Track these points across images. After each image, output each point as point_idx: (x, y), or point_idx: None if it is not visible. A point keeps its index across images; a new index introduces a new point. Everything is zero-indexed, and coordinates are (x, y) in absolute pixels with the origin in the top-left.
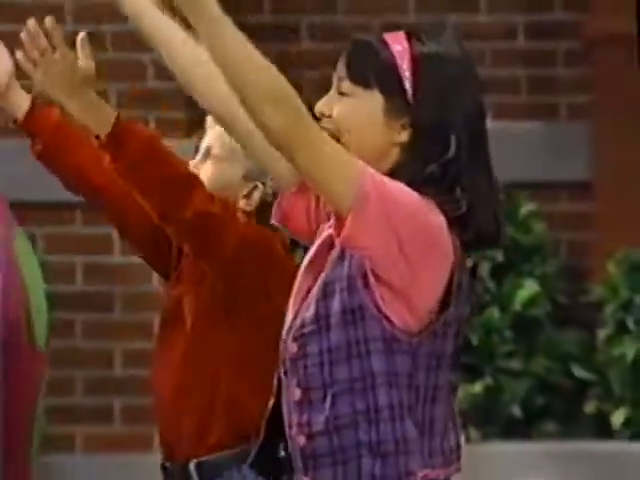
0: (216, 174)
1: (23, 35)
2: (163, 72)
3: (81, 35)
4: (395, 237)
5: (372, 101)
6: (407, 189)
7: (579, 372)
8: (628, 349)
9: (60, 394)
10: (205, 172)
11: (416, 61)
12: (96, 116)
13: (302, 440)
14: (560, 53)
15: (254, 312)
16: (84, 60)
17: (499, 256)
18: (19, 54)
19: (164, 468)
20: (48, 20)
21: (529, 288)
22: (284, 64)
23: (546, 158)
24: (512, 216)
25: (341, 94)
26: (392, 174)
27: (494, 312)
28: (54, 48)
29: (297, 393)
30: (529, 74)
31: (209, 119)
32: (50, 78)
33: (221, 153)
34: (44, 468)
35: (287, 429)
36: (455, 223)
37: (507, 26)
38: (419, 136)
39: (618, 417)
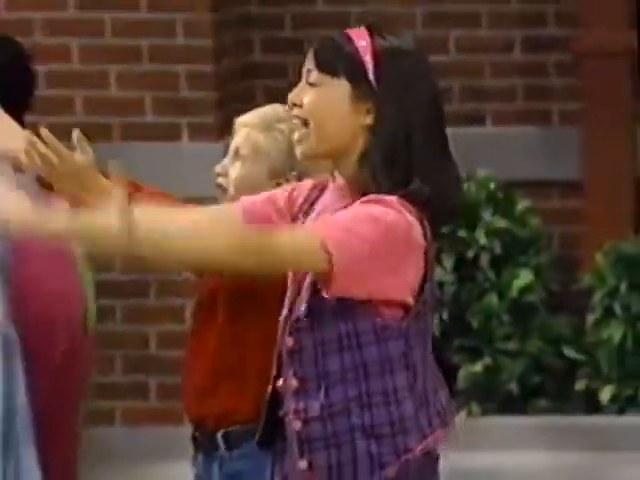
0: (244, 172)
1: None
2: (194, 82)
3: (75, 133)
4: (375, 268)
5: (339, 88)
6: (362, 213)
7: (570, 353)
8: (615, 332)
9: (102, 372)
10: (234, 171)
11: (378, 55)
12: (102, 197)
13: (298, 425)
14: (552, 64)
15: (278, 310)
16: (81, 156)
17: (498, 248)
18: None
19: (194, 438)
20: (44, 131)
21: (525, 277)
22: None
23: (540, 159)
24: (510, 211)
25: (310, 85)
26: (361, 159)
27: (493, 299)
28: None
29: (293, 383)
30: (525, 83)
31: (237, 122)
32: (56, 177)
33: (248, 153)
34: (87, 439)
35: (285, 415)
36: (420, 208)
37: (505, 40)
38: (382, 119)
39: (606, 394)
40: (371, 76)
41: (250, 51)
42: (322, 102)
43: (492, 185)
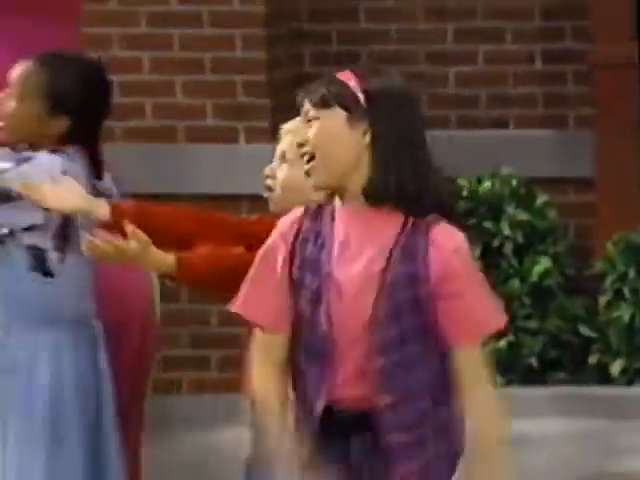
0: (290, 175)
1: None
2: (250, 90)
3: (130, 229)
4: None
5: (336, 116)
6: (472, 282)
7: (584, 331)
8: (624, 312)
9: (169, 347)
10: (281, 173)
11: (366, 91)
12: (160, 268)
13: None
14: (569, 74)
15: None
16: (135, 244)
17: (520, 238)
18: (86, 248)
19: (252, 404)
20: (100, 233)
21: (544, 263)
22: None
23: (557, 159)
24: (530, 205)
25: (309, 121)
26: (371, 174)
27: (516, 283)
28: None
29: (388, 398)
30: (544, 91)
31: (282, 129)
32: (118, 260)
33: (294, 157)
34: (159, 406)
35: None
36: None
37: (527, 53)
38: (378, 135)
39: (616, 367)
40: (362, 100)
41: (301, 63)
42: (323, 132)
43: (514, 182)
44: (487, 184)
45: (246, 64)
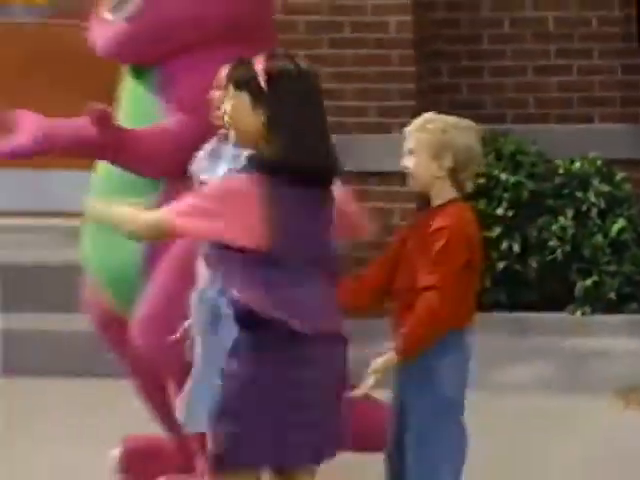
0: (417, 164)
1: None
2: (403, 95)
3: None
4: None
5: (242, 98)
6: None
7: None
8: None
9: None
10: (410, 164)
11: (269, 74)
12: None
13: None
14: None
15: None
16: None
17: (603, 204)
18: None
19: None
20: None
21: (621, 223)
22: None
23: (631, 145)
24: (611, 180)
25: (228, 97)
26: (262, 143)
27: (599, 238)
28: None
29: None
30: (622, 95)
31: (406, 129)
32: None
33: (414, 147)
34: None
35: None
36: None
37: (610, 67)
38: (271, 117)
39: None
40: (264, 85)
41: (439, 76)
42: (233, 110)
43: (599, 162)
44: (578, 164)
45: (400, 76)
